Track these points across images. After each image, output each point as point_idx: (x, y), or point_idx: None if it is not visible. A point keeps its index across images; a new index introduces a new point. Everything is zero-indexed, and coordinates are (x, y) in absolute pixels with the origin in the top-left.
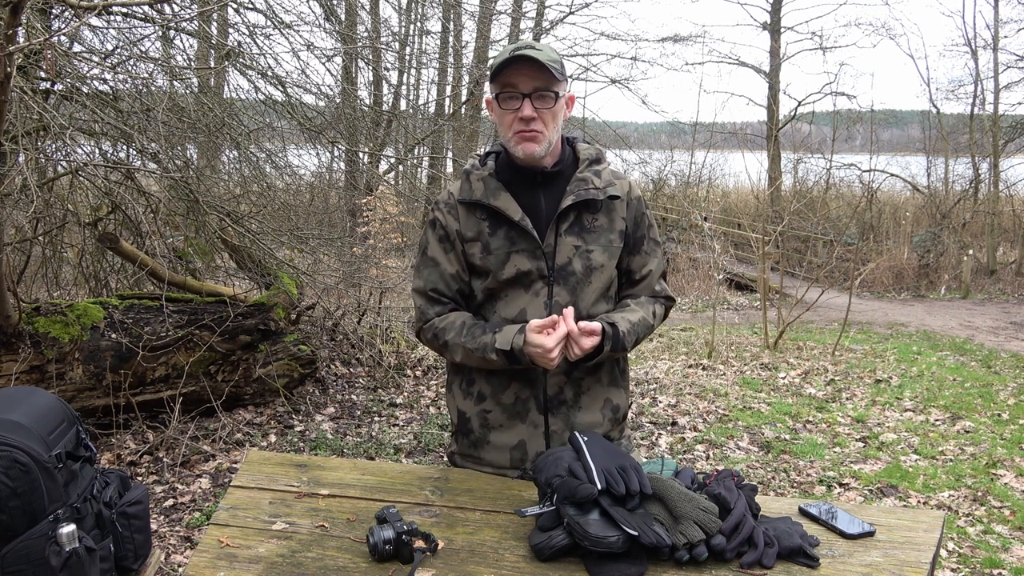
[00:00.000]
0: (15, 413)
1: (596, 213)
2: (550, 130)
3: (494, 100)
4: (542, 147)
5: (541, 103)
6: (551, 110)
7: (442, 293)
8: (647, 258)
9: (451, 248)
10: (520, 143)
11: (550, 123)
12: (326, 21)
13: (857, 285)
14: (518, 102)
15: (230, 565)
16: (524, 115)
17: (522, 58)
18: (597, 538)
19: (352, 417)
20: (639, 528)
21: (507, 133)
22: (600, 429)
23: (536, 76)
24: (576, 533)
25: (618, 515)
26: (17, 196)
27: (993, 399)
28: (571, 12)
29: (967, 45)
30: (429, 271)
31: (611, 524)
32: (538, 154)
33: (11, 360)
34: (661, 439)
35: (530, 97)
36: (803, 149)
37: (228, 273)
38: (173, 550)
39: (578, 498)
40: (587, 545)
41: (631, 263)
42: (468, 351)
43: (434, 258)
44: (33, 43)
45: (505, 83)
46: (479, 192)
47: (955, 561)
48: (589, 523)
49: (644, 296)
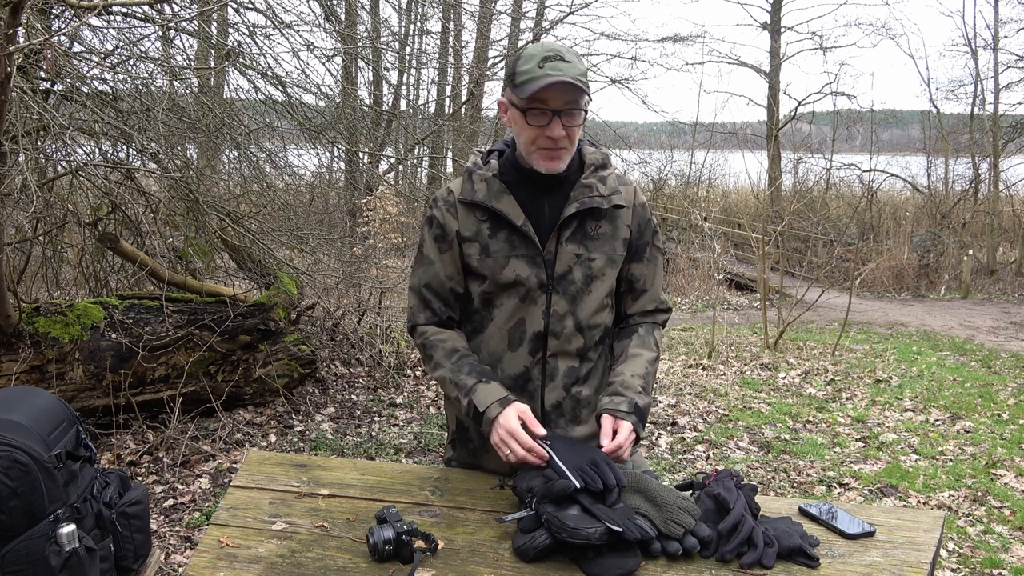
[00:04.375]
0: (15, 413)
1: (600, 220)
2: (574, 146)
3: (515, 109)
4: (564, 163)
5: (569, 120)
6: (578, 126)
7: (436, 292)
8: (650, 267)
9: (447, 248)
10: (543, 160)
11: (575, 138)
12: (326, 21)
13: (857, 285)
14: (546, 118)
15: (230, 565)
16: (554, 135)
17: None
18: (574, 529)
19: (352, 417)
20: (623, 524)
21: (529, 146)
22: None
23: (568, 93)
24: (554, 527)
25: (599, 512)
26: (17, 196)
27: (993, 399)
28: (571, 12)
29: (967, 45)
30: (424, 269)
31: (590, 517)
32: (560, 170)
33: (11, 360)
34: (661, 439)
35: (560, 115)
36: (803, 149)
37: (228, 273)
38: (173, 550)
39: (555, 494)
40: (564, 538)
41: (632, 271)
42: (446, 379)
43: (429, 257)
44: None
45: (534, 98)
46: (481, 193)
47: (955, 561)
48: (567, 517)
49: (643, 321)
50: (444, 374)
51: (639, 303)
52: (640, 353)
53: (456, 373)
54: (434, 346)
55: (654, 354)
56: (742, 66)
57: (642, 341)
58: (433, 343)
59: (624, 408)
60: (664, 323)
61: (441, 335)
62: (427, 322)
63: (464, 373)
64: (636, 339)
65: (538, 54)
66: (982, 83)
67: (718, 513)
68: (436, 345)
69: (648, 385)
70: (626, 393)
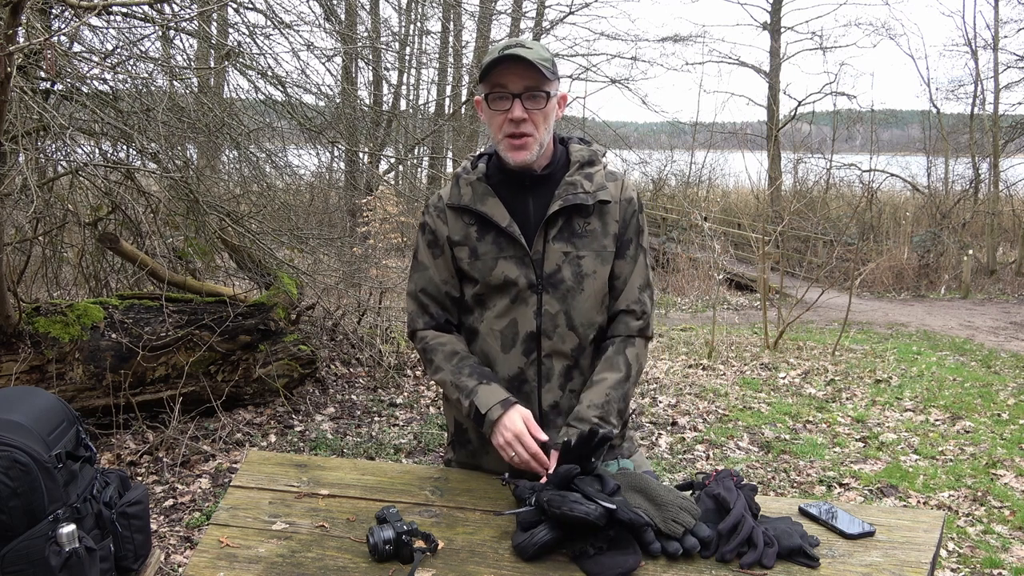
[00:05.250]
0: (15, 413)
1: (588, 217)
2: (541, 132)
3: (484, 100)
4: (532, 153)
5: (532, 103)
6: (542, 111)
7: (432, 297)
8: (629, 264)
9: (440, 253)
10: (509, 151)
11: (541, 124)
12: (326, 21)
13: (857, 285)
14: (508, 102)
15: (230, 565)
16: (514, 116)
17: (511, 58)
18: (574, 504)
19: (352, 417)
20: (617, 504)
21: (497, 135)
22: None
23: (526, 76)
24: (553, 504)
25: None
26: (17, 196)
27: (993, 399)
28: (571, 12)
29: (967, 45)
30: (419, 275)
31: (588, 500)
32: (529, 160)
33: (11, 360)
34: (661, 439)
35: (520, 98)
36: (803, 149)
37: (228, 273)
38: (173, 550)
39: (559, 477)
40: (565, 511)
41: (613, 268)
42: (447, 382)
43: (423, 263)
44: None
45: (495, 83)
46: (467, 197)
47: (955, 561)
48: (568, 496)
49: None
50: (445, 377)
51: (615, 303)
52: (604, 378)
53: (457, 375)
54: (434, 350)
55: (620, 375)
56: (742, 66)
57: (609, 363)
58: (433, 347)
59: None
60: (640, 331)
61: (440, 339)
62: (426, 327)
63: (465, 375)
64: (603, 362)
65: (500, 44)
66: (982, 83)
67: (718, 513)
68: (436, 349)
69: (608, 412)
70: (578, 426)
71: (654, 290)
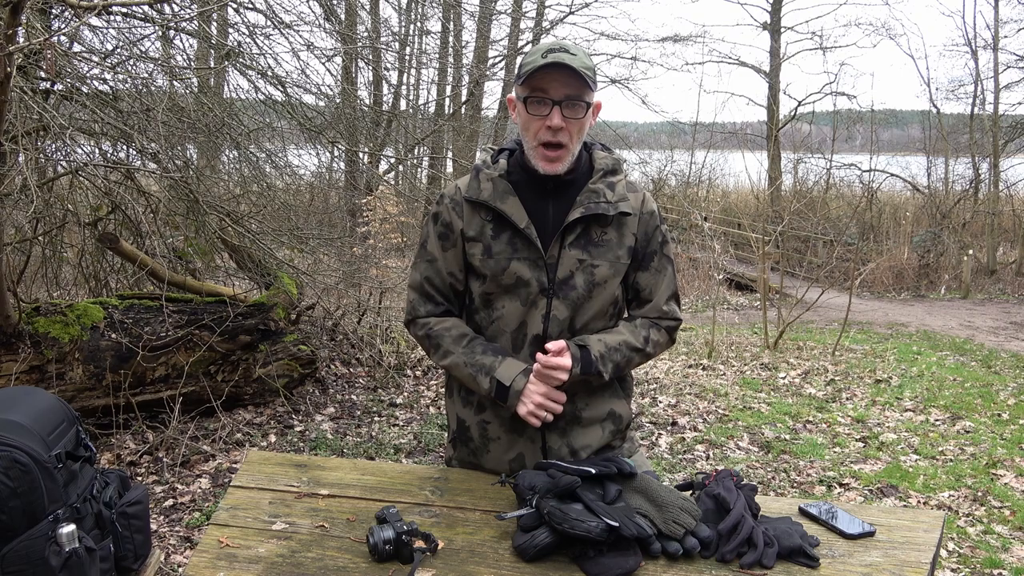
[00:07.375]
0: (15, 413)
1: (606, 227)
2: (575, 143)
3: (521, 103)
4: (564, 165)
5: (571, 112)
6: (579, 121)
7: (437, 288)
8: (656, 276)
9: (451, 246)
10: (542, 161)
11: (576, 135)
12: (326, 21)
13: (857, 285)
14: (547, 108)
15: (230, 565)
16: (553, 124)
17: (557, 64)
18: (577, 521)
19: (352, 417)
20: (620, 520)
21: (531, 141)
22: (599, 443)
23: (569, 83)
24: (555, 519)
25: (599, 508)
26: (17, 196)
27: (993, 399)
28: (571, 12)
29: (967, 45)
30: (426, 266)
31: (591, 514)
32: (559, 171)
33: (11, 360)
34: (661, 439)
35: (560, 105)
36: (803, 149)
37: (228, 273)
38: (173, 550)
39: (560, 488)
40: (566, 528)
41: (638, 279)
42: (460, 364)
43: (432, 253)
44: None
45: (535, 87)
46: (487, 192)
47: (955, 561)
48: (570, 510)
49: (642, 319)
50: (457, 359)
51: (642, 311)
52: (621, 331)
53: (471, 355)
54: (440, 335)
55: (634, 339)
56: (742, 66)
57: (631, 328)
58: (439, 332)
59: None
60: (669, 329)
61: (445, 323)
62: (428, 314)
63: (479, 354)
64: (624, 325)
65: (544, 46)
66: (982, 83)
67: (718, 513)
68: (442, 334)
69: (608, 355)
70: (581, 342)
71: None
